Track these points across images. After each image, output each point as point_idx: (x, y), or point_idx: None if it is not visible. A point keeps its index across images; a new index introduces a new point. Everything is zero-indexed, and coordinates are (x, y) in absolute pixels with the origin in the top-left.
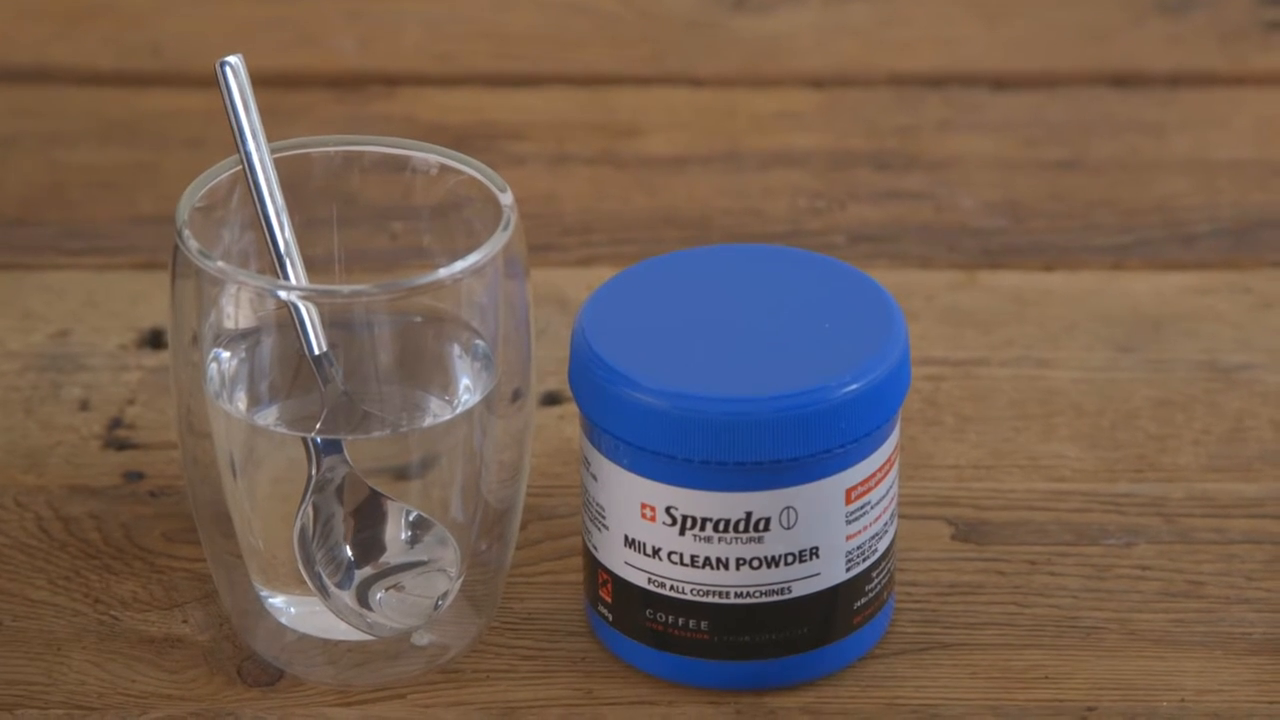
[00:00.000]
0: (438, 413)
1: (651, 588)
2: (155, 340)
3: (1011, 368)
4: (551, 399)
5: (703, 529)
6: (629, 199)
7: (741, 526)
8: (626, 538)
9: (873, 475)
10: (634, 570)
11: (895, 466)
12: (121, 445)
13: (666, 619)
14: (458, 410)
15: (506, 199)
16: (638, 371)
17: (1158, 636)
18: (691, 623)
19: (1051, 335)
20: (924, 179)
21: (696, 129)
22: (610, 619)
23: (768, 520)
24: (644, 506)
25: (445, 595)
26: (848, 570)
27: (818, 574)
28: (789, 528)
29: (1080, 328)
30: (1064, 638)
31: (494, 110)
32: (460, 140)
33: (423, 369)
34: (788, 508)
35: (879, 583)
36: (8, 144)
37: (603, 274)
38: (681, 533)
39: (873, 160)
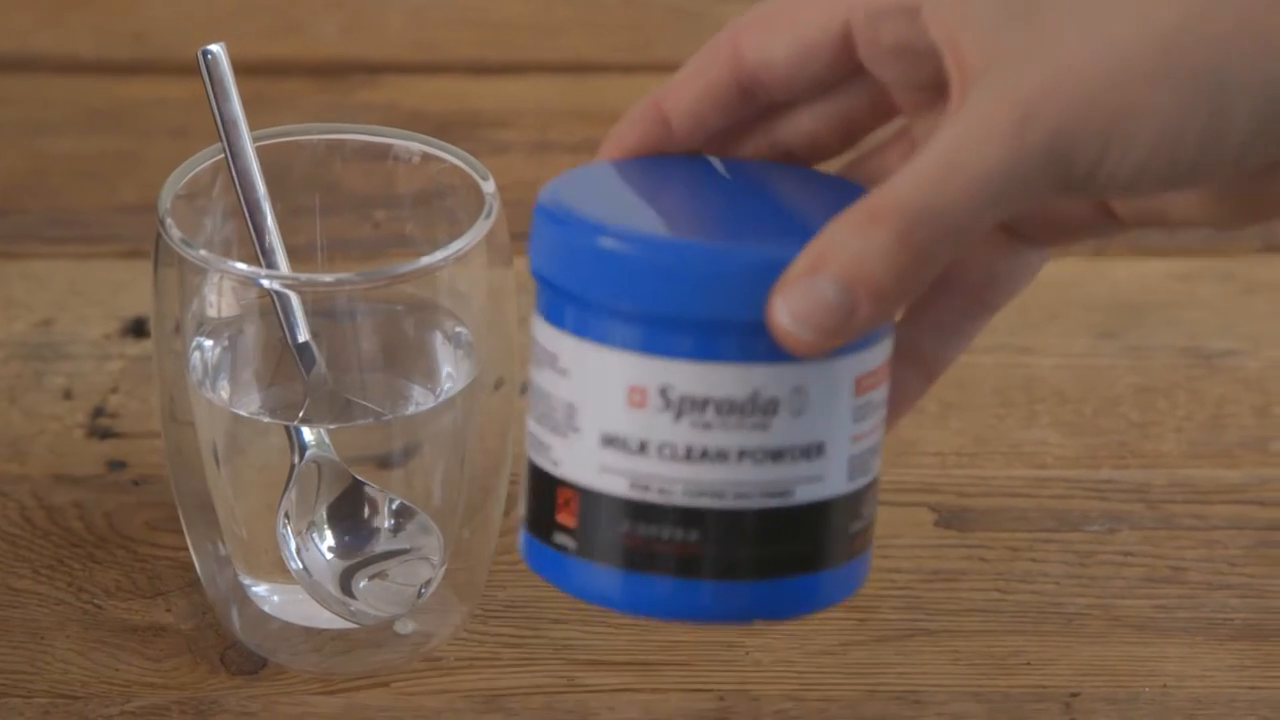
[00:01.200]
0: (420, 401)
1: (634, 494)
2: (138, 329)
3: (994, 354)
4: None
5: (702, 412)
6: None
7: (748, 408)
8: (605, 436)
9: (878, 370)
10: (613, 476)
11: (888, 384)
12: (105, 434)
13: (649, 531)
14: (440, 398)
15: (489, 187)
16: (628, 223)
17: (1140, 622)
18: (679, 534)
19: (1034, 322)
20: None
21: None
22: (573, 547)
23: (776, 402)
24: (633, 390)
25: (428, 583)
26: (849, 479)
27: (821, 478)
28: (797, 414)
29: (1062, 314)
30: (1047, 624)
31: (477, 98)
32: (443, 128)
33: (405, 357)
34: (798, 388)
35: (868, 516)
36: None
37: None
38: (677, 417)
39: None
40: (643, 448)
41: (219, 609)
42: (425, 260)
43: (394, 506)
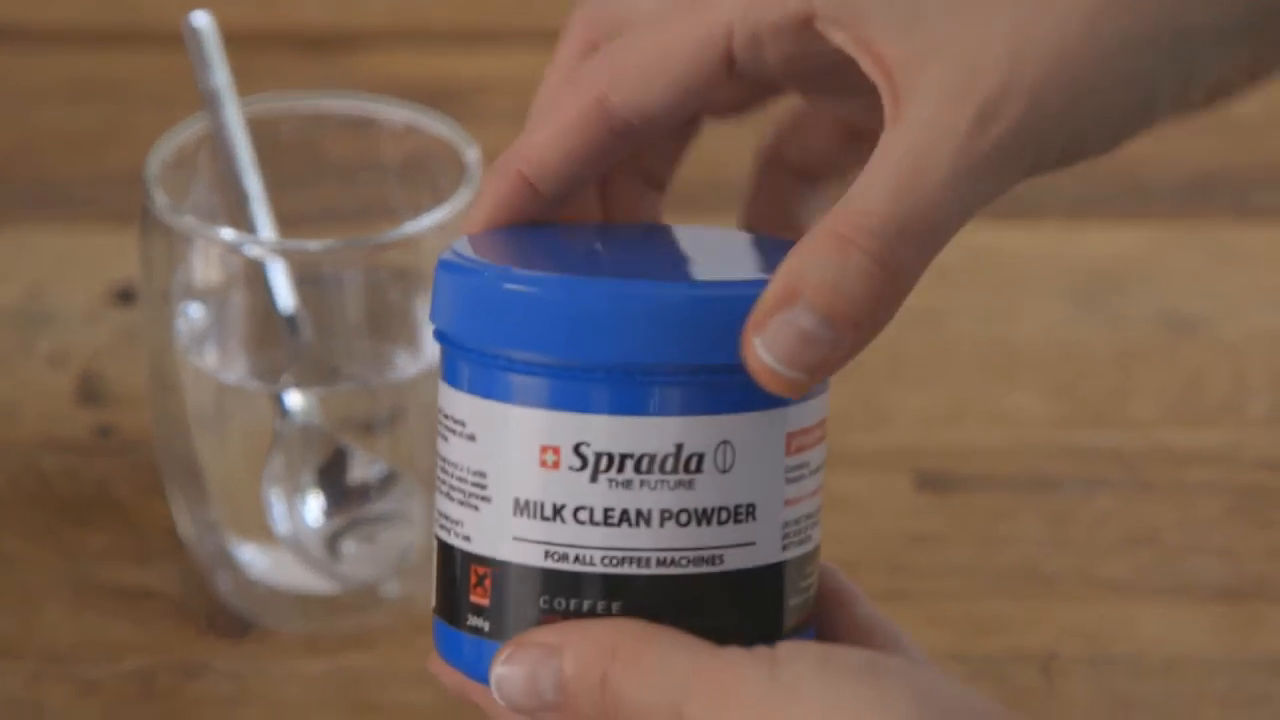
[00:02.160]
0: (404, 366)
1: (550, 564)
2: (126, 296)
3: (972, 321)
4: None
5: (621, 469)
6: None
7: (670, 465)
8: (518, 503)
9: (812, 428)
10: (526, 545)
11: (825, 445)
12: (94, 400)
13: (568, 605)
14: (424, 364)
15: (472, 155)
16: (533, 269)
17: (1117, 584)
18: (601, 605)
19: (1011, 289)
20: None
21: None
22: (487, 629)
23: (701, 458)
24: (545, 450)
25: (413, 546)
26: (784, 549)
27: (753, 543)
28: (725, 470)
29: (1039, 282)
30: (1025, 586)
31: (460, 67)
32: (427, 98)
33: (390, 323)
34: (724, 443)
35: (808, 591)
36: None
37: None
38: (594, 478)
39: None
40: (558, 512)
41: (206, 573)
42: (409, 228)
43: (379, 471)
